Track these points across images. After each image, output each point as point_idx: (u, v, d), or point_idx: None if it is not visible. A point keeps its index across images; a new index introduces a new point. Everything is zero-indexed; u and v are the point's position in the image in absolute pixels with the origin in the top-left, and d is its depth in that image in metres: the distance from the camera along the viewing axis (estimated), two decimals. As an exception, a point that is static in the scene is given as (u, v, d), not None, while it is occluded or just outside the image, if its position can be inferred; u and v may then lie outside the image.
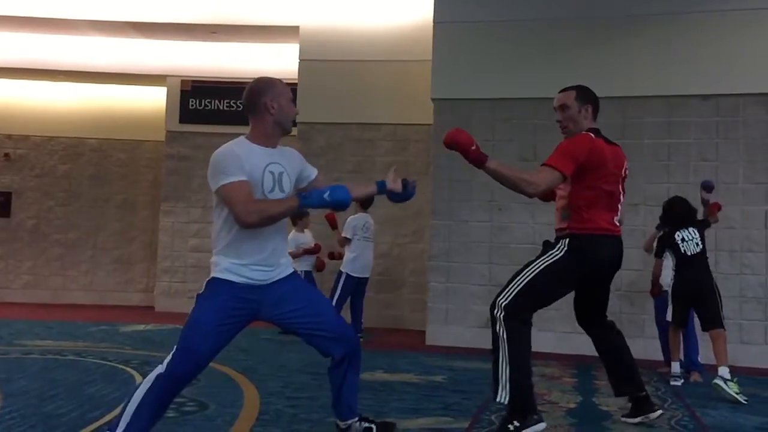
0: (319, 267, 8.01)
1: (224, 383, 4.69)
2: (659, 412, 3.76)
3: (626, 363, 3.75)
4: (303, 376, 5.08)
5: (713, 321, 5.10)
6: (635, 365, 3.78)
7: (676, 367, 5.37)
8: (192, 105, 10.89)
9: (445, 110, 7.73)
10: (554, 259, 3.44)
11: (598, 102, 3.71)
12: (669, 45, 7.22)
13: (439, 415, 3.87)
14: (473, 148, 3.33)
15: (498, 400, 3.30)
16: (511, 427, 3.23)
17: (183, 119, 10.88)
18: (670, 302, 5.50)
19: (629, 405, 3.87)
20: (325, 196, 2.82)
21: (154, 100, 11.34)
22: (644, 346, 6.61)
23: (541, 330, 7.36)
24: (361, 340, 7.49)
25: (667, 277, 5.58)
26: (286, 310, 2.96)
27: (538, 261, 3.47)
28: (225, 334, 2.89)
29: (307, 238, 8.01)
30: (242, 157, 2.81)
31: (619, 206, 3.62)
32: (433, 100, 7.82)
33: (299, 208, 2.85)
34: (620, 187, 3.62)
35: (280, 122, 2.94)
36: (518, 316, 3.34)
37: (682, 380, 5.35)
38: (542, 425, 3.27)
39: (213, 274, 2.93)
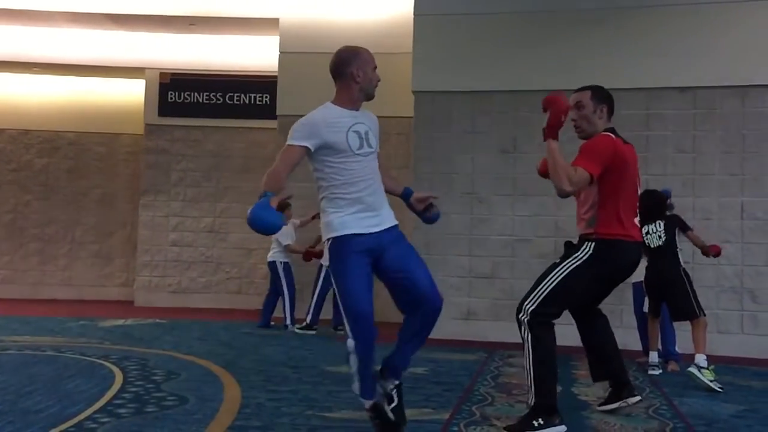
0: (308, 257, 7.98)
1: (205, 377, 4.67)
2: (638, 397, 3.81)
3: (612, 345, 3.82)
4: (284, 369, 5.08)
5: (682, 311, 5.17)
6: (618, 350, 3.84)
7: (653, 356, 5.43)
8: (171, 98, 10.80)
9: (426, 103, 7.73)
10: (579, 262, 3.45)
11: (613, 103, 3.71)
12: (647, 38, 7.26)
13: (420, 407, 3.88)
14: (563, 118, 3.32)
15: (530, 404, 3.34)
16: (535, 423, 3.26)
17: (162, 112, 10.80)
18: (646, 293, 5.57)
19: (606, 394, 3.91)
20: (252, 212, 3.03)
21: (132, 92, 11.23)
22: (622, 335, 6.59)
23: (522, 321, 7.46)
24: (342, 333, 7.52)
25: (643, 265, 5.64)
26: (389, 257, 3.06)
27: (563, 264, 3.46)
28: (368, 278, 3.06)
29: (288, 230, 7.97)
30: (319, 124, 3.05)
31: (637, 204, 3.67)
32: (413, 92, 7.82)
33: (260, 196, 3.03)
34: (637, 184, 3.66)
35: (364, 89, 3.16)
36: (544, 319, 3.39)
37: (660, 370, 5.41)
38: (563, 428, 3.32)
39: (329, 235, 3.09)
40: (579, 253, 3.47)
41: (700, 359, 4.81)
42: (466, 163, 7.54)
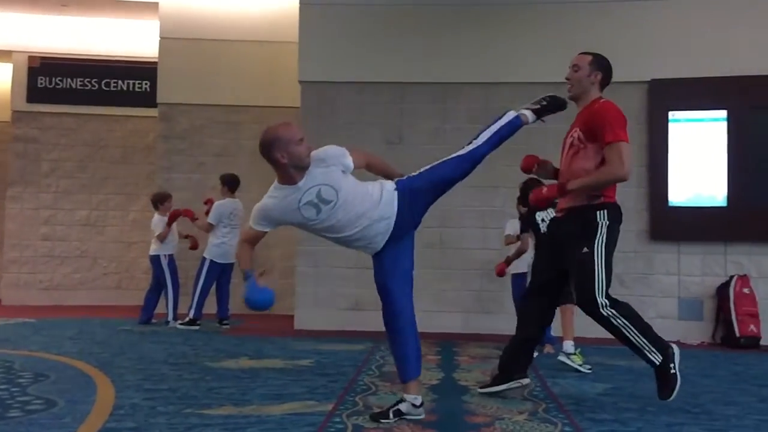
0: (193, 246, 7.71)
1: (76, 379, 4.42)
2: (528, 380, 3.99)
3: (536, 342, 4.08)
4: (163, 367, 4.89)
5: (565, 296, 5.40)
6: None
7: (531, 340, 5.64)
8: (41, 83, 10.18)
9: (313, 93, 7.66)
10: (606, 234, 3.64)
11: (610, 74, 3.91)
12: (532, 33, 7.47)
13: (304, 400, 3.85)
14: (556, 193, 3.63)
15: (658, 364, 3.56)
16: (672, 371, 3.52)
17: (31, 98, 10.16)
18: (529, 279, 5.75)
19: (492, 376, 4.07)
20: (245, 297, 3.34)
21: (-3, 77, 10.46)
22: (504, 320, 6.89)
23: (408, 310, 7.56)
24: (227, 327, 7.36)
25: (528, 256, 5.81)
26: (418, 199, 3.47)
27: (596, 245, 3.62)
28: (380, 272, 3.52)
29: (163, 220, 7.67)
30: (272, 211, 3.30)
31: None
32: (299, 82, 7.73)
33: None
34: None
35: (295, 165, 3.22)
36: (614, 300, 3.61)
37: (537, 352, 5.63)
38: (677, 350, 3.61)
39: None
40: (600, 227, 3.64)
41: (568, 346, 5.09)
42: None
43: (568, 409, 3.66)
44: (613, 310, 3.59)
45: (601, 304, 3.58)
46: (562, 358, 5.03)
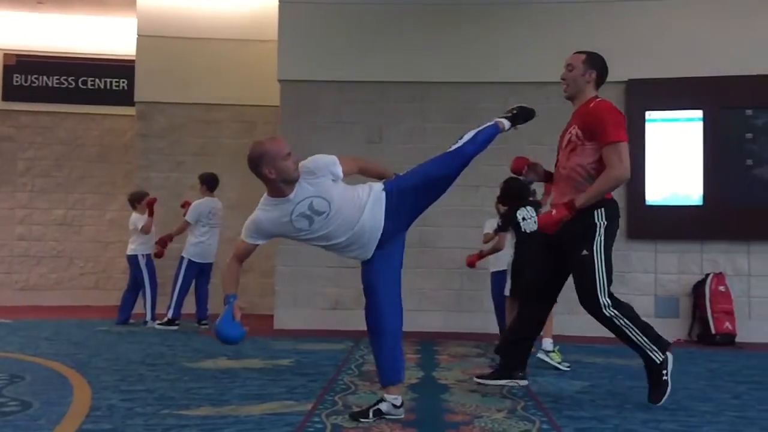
0: (158, 254, 7.61)
1: (52, 380, 4.37)
2: (527, 381, 4.06)
3: (534, 337, 4.11)
4: (141, 367, 4.85)
5: None
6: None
7: (510, 338, 5.66)
8: (17, 81, 10.05)
9: (292, 92, 7.64)
10: (603, 233, 3.65)
11: (605, 71, 3.88)
12: (510, 34, 7.53)
13: (283, 399, 3.83)
14: (566, 213, 3.60)
15: (659, 363, 3.62)
16: (664, 377, 3.61)
17: (6, 96, 10.04)
18: (508, 277, 5.77)
19: (492, 368, 4.17)
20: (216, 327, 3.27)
21: (-29, 75, 10.29)
22: (483, 319, 6.94)
23: (388, 309, 7.56)
24: (206, 327, 7.31)
25: (506, 254, 5.84)
26: (405, 201, 3.40)
27: (595, 244, 3.64)
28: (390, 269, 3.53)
29: (145, 220, 7.59)
30: (264, 223, 3.25)
31: None
32: (279, 81, 7.70)
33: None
34: None
35: (283, 180, 3.19)
36: (616, 300, 3.66)
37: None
38: (671, 356, 3.67)
39: None
40: (598, 227, 3.65)
41: (547, 344, 5.12)
42: (333, 153, 7.52)
43: (547, 407, 3.68)
44: (615, 311, 3.62)
45: (604, 304, 3.61)
46: (541, 355, 5.05)
